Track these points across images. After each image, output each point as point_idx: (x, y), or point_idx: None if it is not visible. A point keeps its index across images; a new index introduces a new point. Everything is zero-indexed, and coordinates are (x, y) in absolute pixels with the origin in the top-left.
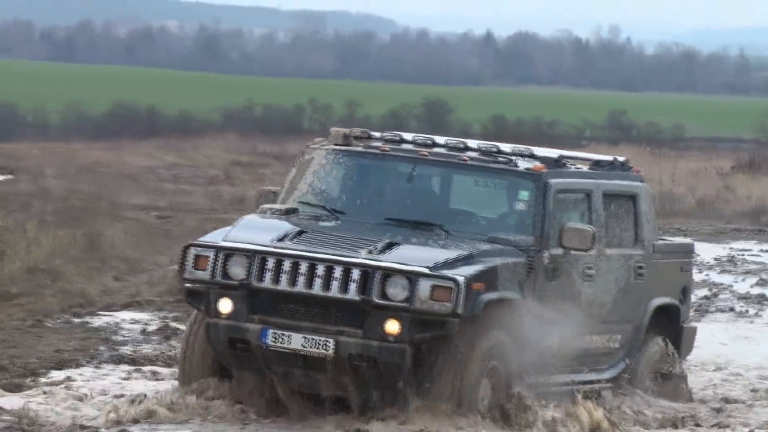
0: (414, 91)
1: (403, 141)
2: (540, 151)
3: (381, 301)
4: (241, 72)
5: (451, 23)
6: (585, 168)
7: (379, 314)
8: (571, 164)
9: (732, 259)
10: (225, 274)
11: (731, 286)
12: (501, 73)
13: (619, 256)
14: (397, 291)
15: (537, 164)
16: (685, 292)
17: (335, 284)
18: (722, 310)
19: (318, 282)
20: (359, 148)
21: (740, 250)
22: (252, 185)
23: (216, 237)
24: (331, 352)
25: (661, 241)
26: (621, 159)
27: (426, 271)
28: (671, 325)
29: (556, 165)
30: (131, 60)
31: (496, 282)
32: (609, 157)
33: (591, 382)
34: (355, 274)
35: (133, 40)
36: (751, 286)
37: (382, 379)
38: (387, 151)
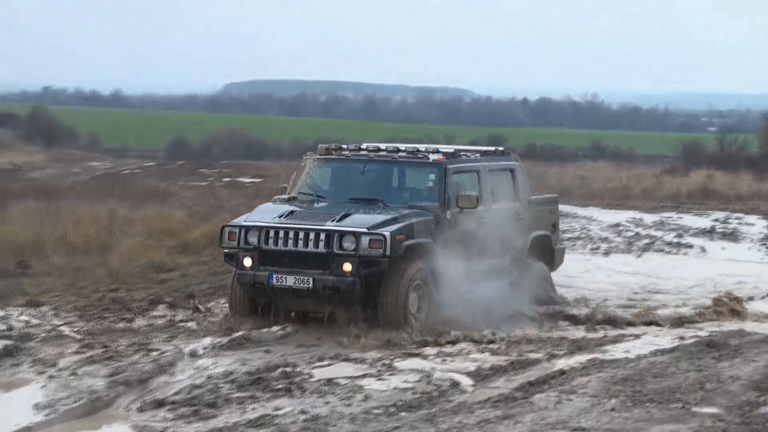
0: (482, 131)
1: (360, 149)
2: (445, 148)
3: (339, 251)
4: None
5: (502, 90)
6: (477, 156)
7: (339, 259)
8: (465, 155)
9: (662, 222)
10: (246, 242)
11: (661, 237)
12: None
13: (503, 208)
14: (348, 244)
15: (440, 156)
16: (554, 226)
17: (310, 243)
18: (656, 251)
19: (300, 242)
20: (332, 156)
21: (667, 218)
22: None
23: (240, 220)
24: (311, 285)
25: (534, 197)
26: (501, 148)
27: (365, 230)
28: (546, 247)
29: (453, 156)
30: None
31: (413, 233)
32: (492, 148)
33: (489, 288)
34: (322, 236)
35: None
36: (673, 237)
37: (343, 301)
38: (349, 156)
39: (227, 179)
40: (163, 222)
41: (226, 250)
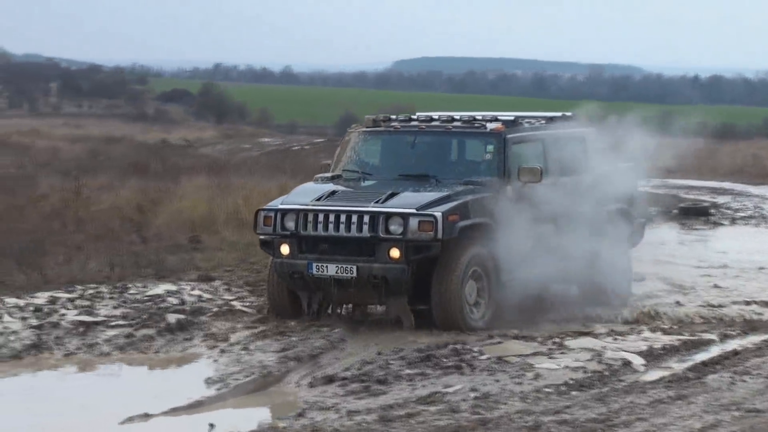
0: (652, 107)
1: (411, 120)
2: (504, 116)
3: (385, 236)
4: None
5: (673, 67)
6: (542, 123)
7: (385, 245)
8: (529, 122)
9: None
10: (283, 227)
11: None
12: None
13: (572, 180)
14: (395, 227)
15: (499, 125)
16: (632, 199)
17: (353, 227)
18: None
19: (341, 227)
20: (380, 128)
21: None
22: None
23: (276, 202)
24: (354, 274)
25: (609, 167)
26: (569, 114)
27: (414, 211)
28: (623, 221)
29: (513, 124)
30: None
31: (469, 212)
32: (559, 114)
33: (566, 269)
34: (366, 218)
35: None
36: None
37: (391, 291)
38: (398, 128)
39: None
40: None
41: (261, 237)
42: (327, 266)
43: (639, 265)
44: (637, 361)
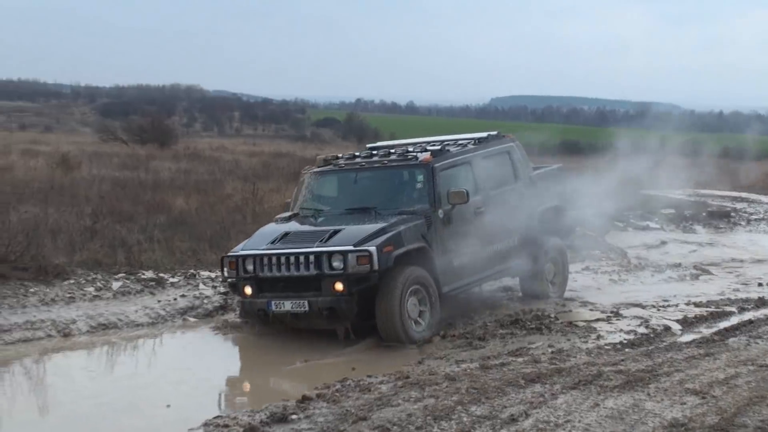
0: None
1: (355, 156)
2: (437, 140)
3: (329, 272)
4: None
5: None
6: (470, 145)
7: (329, 280)
8: (455, 148)
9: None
10: (245, 270)
11: None
12: None
13: (502, 191)
14: (337, 263)
15: (427, 156)
16: (563, 195)
17: (301, 267)
18: None
19: (292, 267)
20: (327, 168)
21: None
22: None
23: (238, 248)
24: (306, 308)
25: (535, 172)
26: (494, 133)
27: (351, 248)
28: (558, 218)
29: (440, 153)
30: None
31: (402, 241)
32: (484, 134)
33: (501, 270)
34: (311, 258)
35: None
36: None
37: (339, 318)
38: (343, 166)
39: None
40: None
41: (229, 280)
42: (284, 303)
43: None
44: (675, 327)
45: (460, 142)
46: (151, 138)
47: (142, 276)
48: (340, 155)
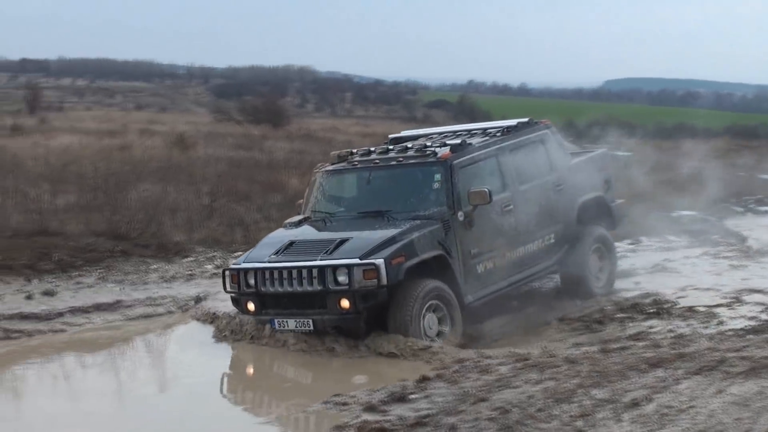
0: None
1: (370, 152)
2: (461, 129)
3: (334, 287)
4: None
5: None
6: (497, 136)
7: (334, 296)
8: (478, 141)
9: None
10: (247, 285)
11: None
12: None
13: (535, 185)
14: (342, 278)
15: (446, 152)
16: (607, 183)
17: (304, 282)
18: None
19: (294, 282)
20: (339, 167)
21: None
22: None
23: (241, 259)
24: (311, 327)
25: (575, 160)
26: (524, 120)
27: (357, 261)
28: (601, 208)
29: (461, 147)
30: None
31: (415, 251)
32: (514, 121)
33: (533, 273)
34: (315, 272)
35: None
36: None
37: (352, 334)
38: (357, 164)
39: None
40: None
41: (231, 295)
42: (287, 321)
43: None
44: None
45: (489, 131)
46: (264, 118)
47: None
48: (354, 150)
